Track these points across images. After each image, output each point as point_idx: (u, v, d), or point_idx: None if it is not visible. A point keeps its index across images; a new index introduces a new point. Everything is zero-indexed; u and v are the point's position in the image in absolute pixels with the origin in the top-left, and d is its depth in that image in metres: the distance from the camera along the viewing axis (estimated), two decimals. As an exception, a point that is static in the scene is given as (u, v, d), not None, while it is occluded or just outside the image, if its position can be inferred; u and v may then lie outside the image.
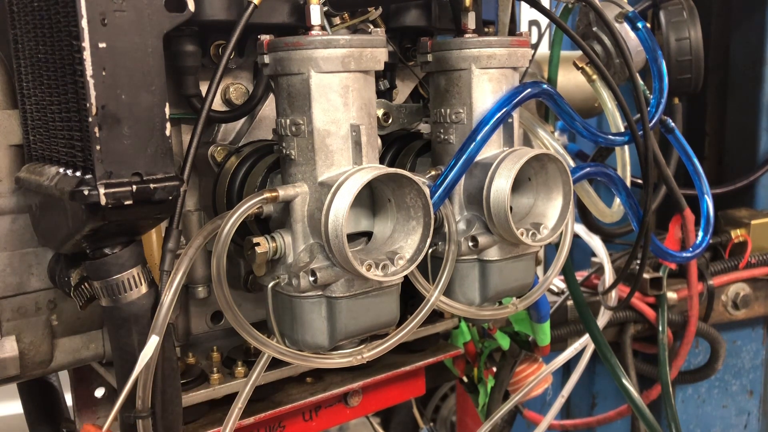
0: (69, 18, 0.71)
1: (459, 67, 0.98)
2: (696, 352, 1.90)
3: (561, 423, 1.88)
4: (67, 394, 1.15)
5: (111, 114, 0.72)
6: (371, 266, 0.84)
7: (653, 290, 1.70)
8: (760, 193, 1.91)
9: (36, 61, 0.81)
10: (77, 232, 0.77)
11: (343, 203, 0.81)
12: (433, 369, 1.30)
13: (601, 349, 1.44)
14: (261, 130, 1.07)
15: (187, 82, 0.96)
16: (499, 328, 1.41)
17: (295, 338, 0.90)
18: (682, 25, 1.46)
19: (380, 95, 1.07)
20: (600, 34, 1.41)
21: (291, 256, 0.87)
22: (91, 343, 1.02)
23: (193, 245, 0.85)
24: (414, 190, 0.86)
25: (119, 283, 0.80)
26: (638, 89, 1.16)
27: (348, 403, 1.15)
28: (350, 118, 0.86)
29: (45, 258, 0.94)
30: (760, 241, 1.82)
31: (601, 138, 1.12)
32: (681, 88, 1.49)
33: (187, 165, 0.82)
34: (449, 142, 1.00)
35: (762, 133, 1.89)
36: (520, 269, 1.03)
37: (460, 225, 1.00)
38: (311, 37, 0.84)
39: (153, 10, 0.74)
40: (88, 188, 0.72)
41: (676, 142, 1.38)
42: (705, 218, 1.38)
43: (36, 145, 0.86)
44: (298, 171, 0.87)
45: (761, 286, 1.85)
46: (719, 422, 1.99)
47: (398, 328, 0.95)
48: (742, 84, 1.94)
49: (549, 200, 1.01)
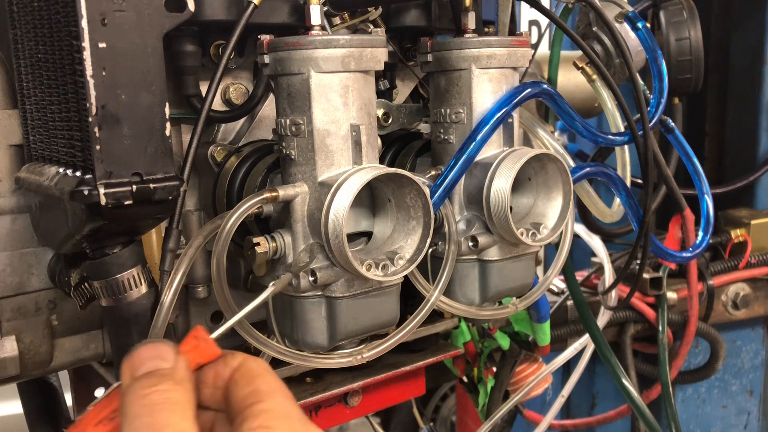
0: (69, 18, 0.71)
1: (459, 67, 0.98)
2: (696, 352, 1.90)
3: (561, 423, 1.88)
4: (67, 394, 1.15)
5: (111, 114, 0.72)
6: (371, 266, 0.84)
7: (653, 290, 1.70)
8: (760, 193, 1.91)
9: (36, 61, 0.81)
10: (77, 232, 0.77)
11: (343, 203, 0.81)
12: (433, 369, 1.30)
13: (601, 349, 1.44)
14: (261, 130, 1.07)
15: (187, 82, 0.96)
16: (499, 328, 1.41)
17: (295, 338, 0.90)
18: (682, 25, 1.46)
19: (380, 95, 1.07)
20: (600, 34, 1.41)
21: (291, 256, 0.87)
22: (91, 343, 1.02)
23: (193, 245, 0.85)
24: (414, 190, 0.86)
25: (119, 283, 0.80)
26: (638, 89, 1.16)
27: (348, 403, 1.15)
28: (350, 118, 0.86)
29: (45, 258, 0.94)
30: (760, 241, 1.82)
31: (601, 138, 1.12)
32: (681, 88, 1.48)
33: (187, 165, 0.82)
34: (449, 142, 1.00)
35: (762, 134, 1.89)
36: (520, 269, 1.03)
37: (460, 225, 1.00)
38: (311, 37, 0.84)
39: (153, 10, 0.74)
40: (88, 188, 0.72)
41: (676, 142, 1.38)
42: (705, 218, 1.38)
43: (36, 145, 0.86)
44: (298, 171, 0.87)
45: (761, 286, 1.85)
46: (719, 422, 1.99)
47: (398, 328, 0.95)
48: (742, 84, 1.94)
49: (549, 200, 1.01)
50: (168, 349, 0.64)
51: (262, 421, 0.61)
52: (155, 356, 0.63)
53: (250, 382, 0.65)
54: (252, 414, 0.62)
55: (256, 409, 0.62)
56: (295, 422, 0.62)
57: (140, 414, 0.58)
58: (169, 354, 0.64)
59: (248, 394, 0.64)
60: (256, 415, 0.62)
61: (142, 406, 0.59)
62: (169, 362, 0.63)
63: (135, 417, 0.58)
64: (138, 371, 0.62)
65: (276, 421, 0.61)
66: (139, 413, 0.58)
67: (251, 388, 0.64)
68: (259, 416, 0.62)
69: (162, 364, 0.63)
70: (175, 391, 0.60)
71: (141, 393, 0.60)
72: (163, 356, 0.63)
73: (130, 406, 0.59)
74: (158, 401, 0.59)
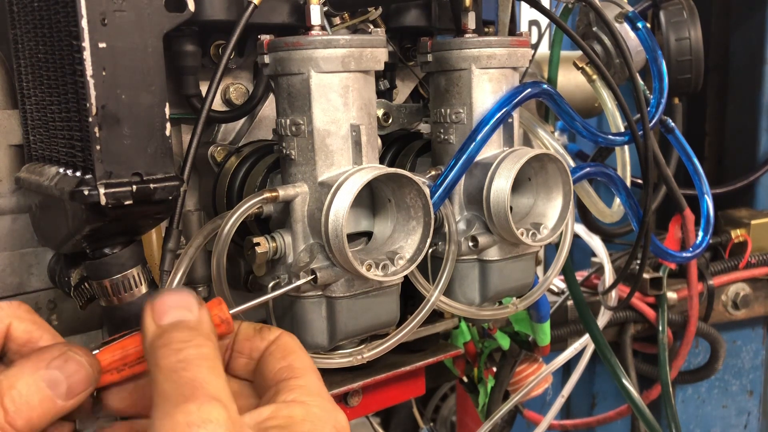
0: (69, 18, 0.71)
1: (459, 67, 0.98)
2: (696, 352, 1.90)
3: (561, 423, 1.88)
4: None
5: (111, 114, 0.72)
6: (371, 266, 0.84)
7: (653, 290, 1.70)
8: (760, 193, 1.91)
9: (36, 61, 0.81)
10: (77, 232, 0.77)
11: (343, 203, 0.81)
12: (433, 369, 1.29)
13: (601, 349, 1.44)
14: (261, 130, 1.07)
15: (187, 82, 0.96)
16: (499, 328, 1.41)
17: (295, 338, 0.90)
18: (682, 25, 1.46)
19: (380, 95, 1.07)
20: (600, 34, 1.41)
21: (291, 256, 0.87)
22: (91, 343, 1.01)
23: (193, 245, 0.85)
24: (414, 190, 0.86)
25: (119, 283, 0.80)
26: (638, 89, 1.16)
27: (348, 403, 1.14)
28: (350, 118, 0.86)
29: (45, 258, 0.94)
30: (760, 241, 1.82)
31: (601, 138, 1.12)
32: (681, 88, 1.48)
33: (187, 165, 0.83)
34: (449, 142, 1.00)
35: (762, 134, 1.89)
36: (520, 269, 1.03)
37: (460, 225, 1.00)
38: (311, 37, 0.84)
39: (153, 10, 0.74)
40: (88, 188, 0.72)
41: (676, 142, 1.38)
42: (705, 218, 1.38)
43: (36, 145, 0.86)
44: (298, 171, 0.87)
45: (761, 286, 1.85)
46: (719, 422, 1.99)
47: (398, 328, 0.95)
48: (742, 84, 1.94)
49: (549, 200, 1.01)
50: (192, 300, 0.62)
51: (297, 396, 0.62)
52: (180, 305, 0.61)
53: (285, 356, 0.67)
54: (286, 387, 0.63)
55: (291, 384, 0.64)
56: (326, 401, 0.64)
57: (176, 368, 0.56)
58: (194, 305, 0.62)
59: (283, 369, 0.65)
60: (291, 389, 0.63)
61: (177, 360, 0.57)
62: (194, 314, 0.61)
63: (172, 371, 0.56)
64: (162, 319, 0.60)
65: (309, 397, 0.63)
66: (176, 367, 0.57)
67: (286, 363, 0.66)
68: (294, 390, 0.63)
69: (187, 315, 0.61)
70: (206, 347, 0.59)
71: (175, 346, 0.58)
72: (189, 307, 0.61)
73: (164, 359, 0.57)
74: (194, 356, 0.57)
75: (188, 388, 0.55)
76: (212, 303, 0.66)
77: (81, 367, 0.61)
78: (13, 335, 0.64)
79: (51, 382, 0.59)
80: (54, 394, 0.59)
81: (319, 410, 0.62)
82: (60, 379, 0.60)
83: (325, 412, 0.63)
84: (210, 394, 0.55)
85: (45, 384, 0.59)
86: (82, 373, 0.61)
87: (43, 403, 0.59)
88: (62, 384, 0.60)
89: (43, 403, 0.59)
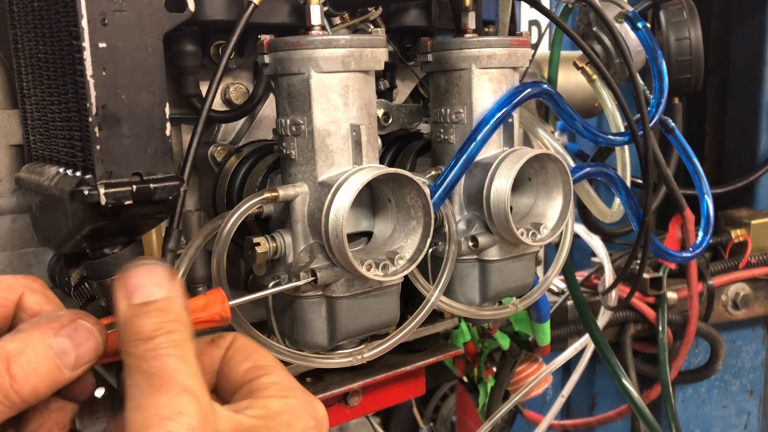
0: (69, 18, 0.71)
1: (459, 67, 0.98)
2: (696, 352, 1.90)
3: (561, 423, 1.88)
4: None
5: (111, 114, 0.72)
6: (371, 266, 0.84)
7: (653, 290, 1.70)
8: (760, 193, 1.91)
9: (36, 61, 0.81)
10: (77, 232, 0.77)
11: (343, 203, 0.81)
12: (433, 369, 1.29)
13: (601, 349, 1.44)
14: (261, 130, 1.07)
15: (187, 82, 0.96)
16: (499, 328, 1.41)
17: (295, 338, 0.90)
18: (682, 25, 1.46)
19: (380, 95, 1.07)
20: (600, 34, 1.41)
21: (291, 256, 0.87)
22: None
23: (193, 245, 0.85)
24: (414, 190, 0.86)
25: (119, 283, 0.79)
26: (638, 89, 1.16)
27: (348, 403, 1.14)
28: (350, 118, 0.86)
29: (45, 258, 0.94)
30: (760, 241, 1.82)
31: (601, 138, 1.12)
32: (681, 88, 1.48)
33: (187, 165, 0.82)
34: (449, 142, 1.00)
35: (762, 133, 1.89)
36: (520, 269, 1.03)
37: (460, 225, 1.00)
38: (311, 37, 0.84)
39: (153, 10, 0.74)
40: (88, 188, 0.71)
41: (676, 142, 1.38)
42: (705, 218, 1.38)
43: (36, 145, 0.86)
44: (298, 171, 0.87)
45: (761, 286, 1.85)
46: (719, 422, 1.99)
47: (398, 328, 0.95)
48: (742, 84, 1.94)
49: (549, 200, 1.01)
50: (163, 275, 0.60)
51: (273, 392, 0.61)
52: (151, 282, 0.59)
53: (247, 357, 0.65)
54: (260, 386, 0.62)
55: (264, 382, 0.62)
56: (301, 392, 0.63)
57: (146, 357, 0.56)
58: (164, 280, 0.60)
59: (249, 369, 0.64)
60: (265, 387, 0.62)
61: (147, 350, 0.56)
62: (165, 289, 0.59)
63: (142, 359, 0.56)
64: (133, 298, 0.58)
65: (284, 391, 0.62)
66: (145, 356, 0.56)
67: (251, 364, 0.64)
68: (268, 387, 0.62)
69: (158, 292, 0.59)
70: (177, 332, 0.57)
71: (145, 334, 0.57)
72: (160, 282, 0.59)
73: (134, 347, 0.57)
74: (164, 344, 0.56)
75: (158, 379, 0.55)
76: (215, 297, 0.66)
77: (90, 336, 0.60)
78: (25, 305, 0.63)
79: (60, 351, 0.58)
80: (62, 363, 0.58)
81: (296, 402, 0.62)
82: (69, 347, 0.59)
83: (302, 402, 0.62)
84: (181, 385, 0.55)
85: (53, 352, 0.58)
86: (91, 342, 0.60)
87: (50, 372, 0.58)
88: (71, 353, 0.59)
89: (50, 372, 0.58)
